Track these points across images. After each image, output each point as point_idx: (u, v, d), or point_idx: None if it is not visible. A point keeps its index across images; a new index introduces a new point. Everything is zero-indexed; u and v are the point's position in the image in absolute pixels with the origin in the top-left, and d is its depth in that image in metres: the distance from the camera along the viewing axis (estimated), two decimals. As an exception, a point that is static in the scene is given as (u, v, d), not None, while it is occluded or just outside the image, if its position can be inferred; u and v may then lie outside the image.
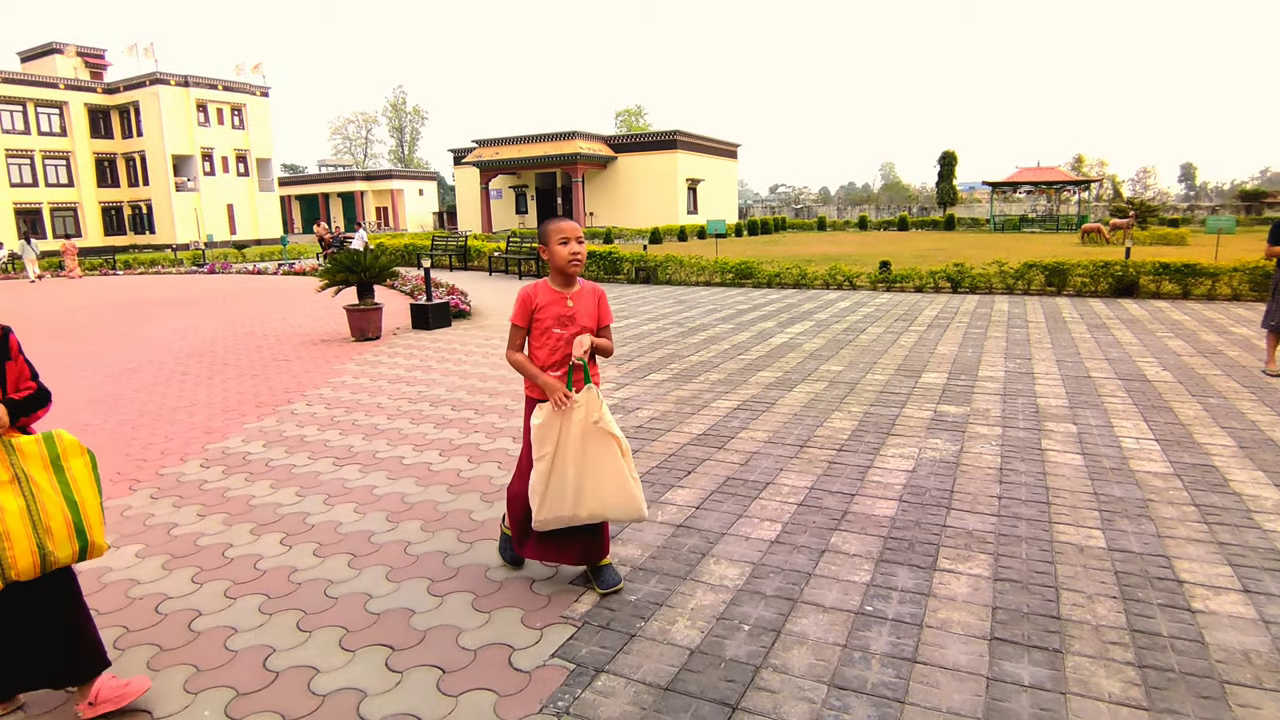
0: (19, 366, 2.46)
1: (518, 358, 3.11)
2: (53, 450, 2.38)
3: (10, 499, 2.26)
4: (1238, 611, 2.98)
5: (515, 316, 3.11)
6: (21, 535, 2.24)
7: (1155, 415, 5.69)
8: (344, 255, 10.39)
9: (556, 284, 3.11)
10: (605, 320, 3.20)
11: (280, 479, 4.72)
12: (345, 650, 2.83)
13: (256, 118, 52.18)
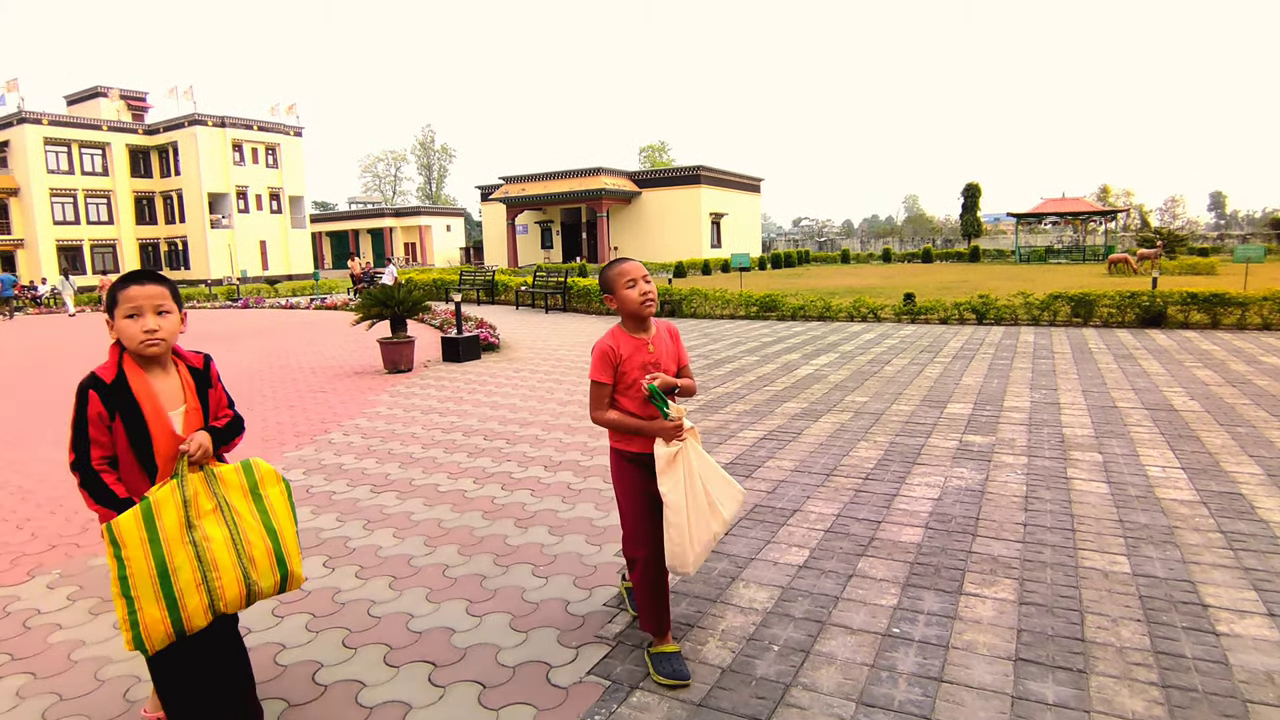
0: (219, 394, 2.45)
1: (609, 417, 2.83)
2: (251, 478, 2.34)
3: (216, 528, 2.21)
4: (1262, 635, 3.01)
5: (596, 372, 2.81)
6: (228, 564, 2.19)
7: (1182, 444, 5.71)
8: (378, 290, 10.67)
9: (632, 329, 2.86)
10: (684, 360, 2.98)
11: (321, 505, 4.89)
12: (390, 666, 2.95)
13: (290, 156, 53.57)
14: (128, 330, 2.24)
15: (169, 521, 2.14)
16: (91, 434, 2.20)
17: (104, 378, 2.23)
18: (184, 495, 2.18)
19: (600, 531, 4.29)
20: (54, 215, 45.85)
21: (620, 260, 2.86)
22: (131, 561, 2.09)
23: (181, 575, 2.12)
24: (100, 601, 3.59)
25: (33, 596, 3.68)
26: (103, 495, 2.21)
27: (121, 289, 2.25)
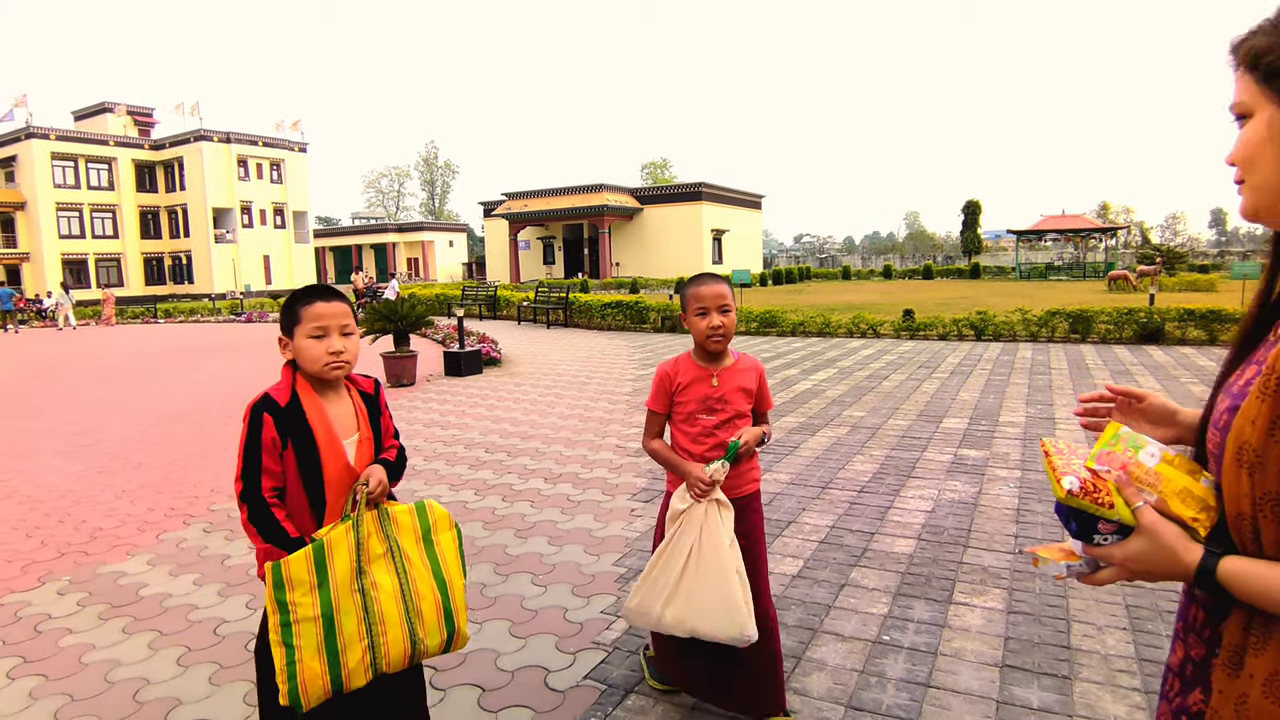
0: (387, 421, 2.24)
1: (655, 446, 2.59)
2: (424, 522, 2.09)
3: (385, 575, 1.96)
4: (1245, 643, 3.08)
5: (652, 400, 2.60)
6: (395, 619, 1.94)
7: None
8: (381, 305, 10.79)
9: (700, 358, 2.55)
10: (765, 405, 2.63)
11: (324, 515, 4.96)
12: (392, 670, 3.02)
13: (294, 172, 53.96)
14: (311, 351, 2.04)
15: (340, 566, 1.90)
16: (264, 461, 1.96)
17: (278, 400, 2.01)
18: (358, 537, 1.94)
19: (599, 542, 4.36)
20: (60, 229, 46.17)
21: (701, 279, 2.49)
22: (298, 608, 1.85)
23: (346, 627, 1.88)
24: (109, 607, 3.67)
25: (43, 602, 3.76)
26: (273, 531, 1.94)
27: (306, 305, 2.06)
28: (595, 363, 12.26)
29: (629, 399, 8.86)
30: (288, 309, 2.09)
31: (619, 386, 9.77)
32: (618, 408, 8.34)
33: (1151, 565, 1.01)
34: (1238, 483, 0.96)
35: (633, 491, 5.29)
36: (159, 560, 4.26)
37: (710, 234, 48.68)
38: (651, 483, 5.47)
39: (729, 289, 2.48)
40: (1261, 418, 0.92)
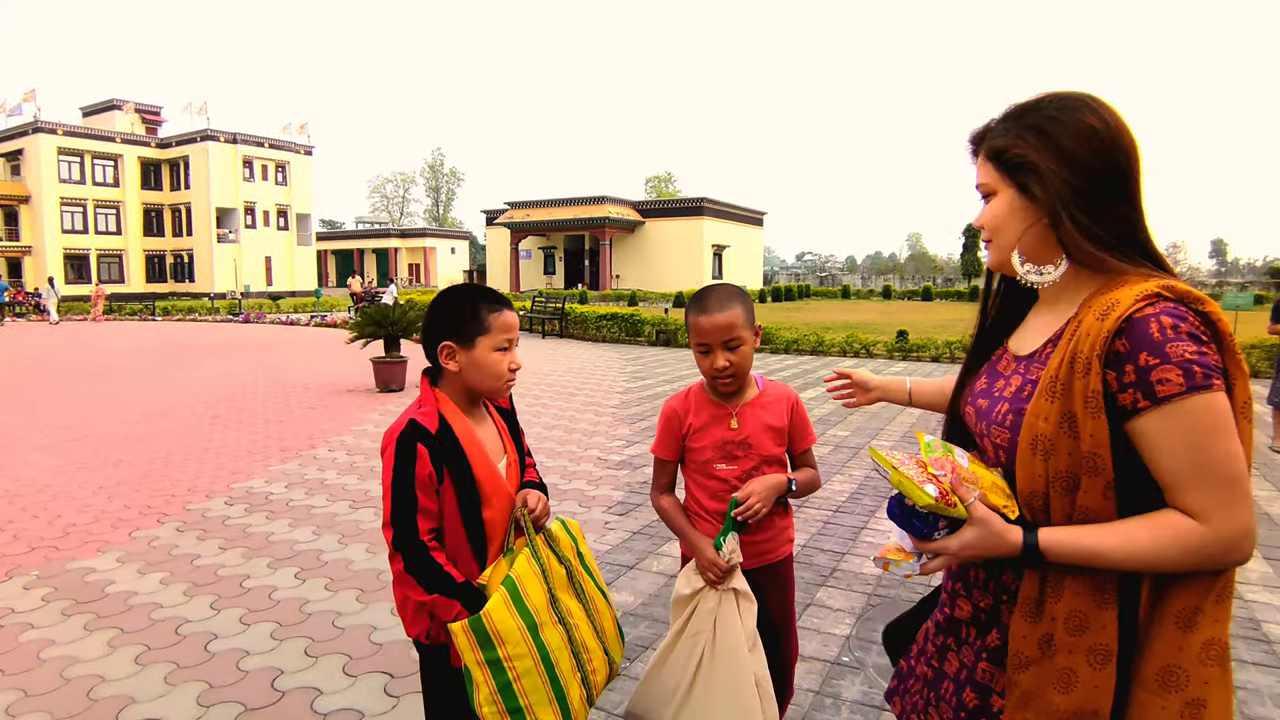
0: (524, 440, 2.04)
1: (664, 505, 2.12)
2: (570, 533, 1.91)
3: (571, 599, 1.80)
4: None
5: (657, 444, 2.13)
6: (595, 643, 1.79)
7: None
8: (374, 309, 10.81)
9: (715, 393, 2.08)
10: (802, 443, 2.11)
11: (299, 518, 4.96)
12: (348, 675, 3.02)
13: (299, 175, 54.17)
14: (496, 365, 1.78)
15: (536, 599, 1.70)
16: (420, 500, 1.68)
17: (427, 427, 1.72)
18: (540, 564, 1.76)
19: (569, 553, 4.35)
20: (63, 224, 46.30)
21: (704, 300, 1.97)
22: (516, 662, 1.62)
23: (562, 665, 1.69)
24: (74, 603, 3.66)
25: (8, 597, 3.75)
26: (439, 579, 1.67)
27: (497, 312, 1.79)
28: (586, 374, 12.27)
29: (615, 411, 8.86)
30: (469, 313, 1.77)
31: (607, 399, 9.78)
32: (603, 420, 8.35)
33: (984, 549, 1.17)
34: (1033, 467, 1.17)
35: (608, 504, 5.28)
36: (129, 558, 4.26)
37: (711, 249, 48.79)
38: (629, 495, 5.47)
39: (739, 313, 1.94)
40: (1053, 415, 1.15)
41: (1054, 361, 1.18)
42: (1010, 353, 1.36)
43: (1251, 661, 3.20)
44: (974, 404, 1.35)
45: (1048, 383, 1.17)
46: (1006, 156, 1.25)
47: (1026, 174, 1.23)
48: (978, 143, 1.32)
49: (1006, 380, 1.31)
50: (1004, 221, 1.27)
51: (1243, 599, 3.81)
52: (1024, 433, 1.18)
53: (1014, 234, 1.26)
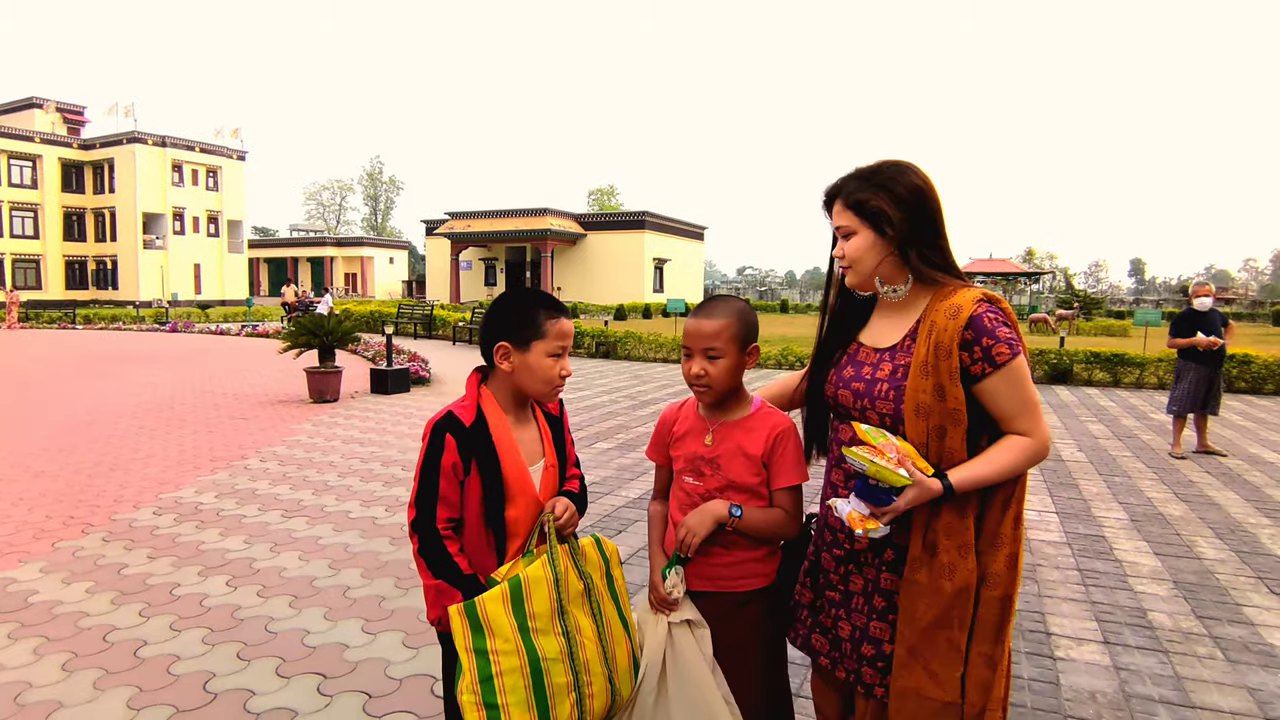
0: (571, 449, 2.02)
1: (649, 512, 2.10)
2: (603, 554, 1.89)
3: (584, 617, 1.77)
4: (1094, 659, 3.33)
5: (650, 448, 2.11)
6: (599, 668, 1.75)
7: (1061, 491, 6.14)
8: (308, 319, 10.68)
9: (705, 407, 2.00)
10: (779, 479, 1.91)
11: (230, 527, 4.93)
12: (281, 677, 3.05)
13: (231, 180, 52.76)
14: (548, 370, 1.82)
15: (540, 605, 1.70)
16: (442, 488, 1.75)
17: (462, 419, 1.79)
18: (556, 572, 1.74)
19: (504, 558, 4.44)
20: (-25, 228, 44.17)
21: (699, 309, 1.94)
22: (501, 657, 1.64)
23: (554, 675, 1.68)
24: (95, 584, 3.60)
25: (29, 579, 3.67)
26: (445, 567, 1.74)
27: (555, 319, 1.82)
28: (525, 385, 12.30)
29: (554, 421, 8.94)
30: (527, 317, 1.81)
31: (546, 409, 9.84)
32: (541, 429, 8.41)
33: (920, 500, 1.61)
34: (917, 425, 1.66)
35: (544, 510, 5.37)
36: (53, 568, 4.19)
37: (652, 262, 49.15)
38: (564, 502, 5.56)
39: (727, 325, 1.87)
40: (928, 387, 1.64)
41: (921, 349, 1.66)
42: (868, 346, 1.80)
43: (1136, 646, 3.47)
44: (848, 387, 1.79)
45: (920, 365, 1.65)
46: (866, 206, 1.70)
47: (880, 219, 1.70)
48: (834, 195, 1.77)
49: (875, 366, 1.75)
50: (864, 254, 1.73)
51: (1132, 590, 4.11)
52: (907, 402, 1.66)
53: (872, 263, 1.73)
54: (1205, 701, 3.01)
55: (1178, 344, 7.69)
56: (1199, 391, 7.55)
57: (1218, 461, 7.37)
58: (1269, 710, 2.95)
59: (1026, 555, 4.64)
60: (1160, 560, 4.61)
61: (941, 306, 1.66)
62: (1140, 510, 5.65)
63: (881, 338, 1.79)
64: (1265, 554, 4.76)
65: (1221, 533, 5.16)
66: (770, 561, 1.94)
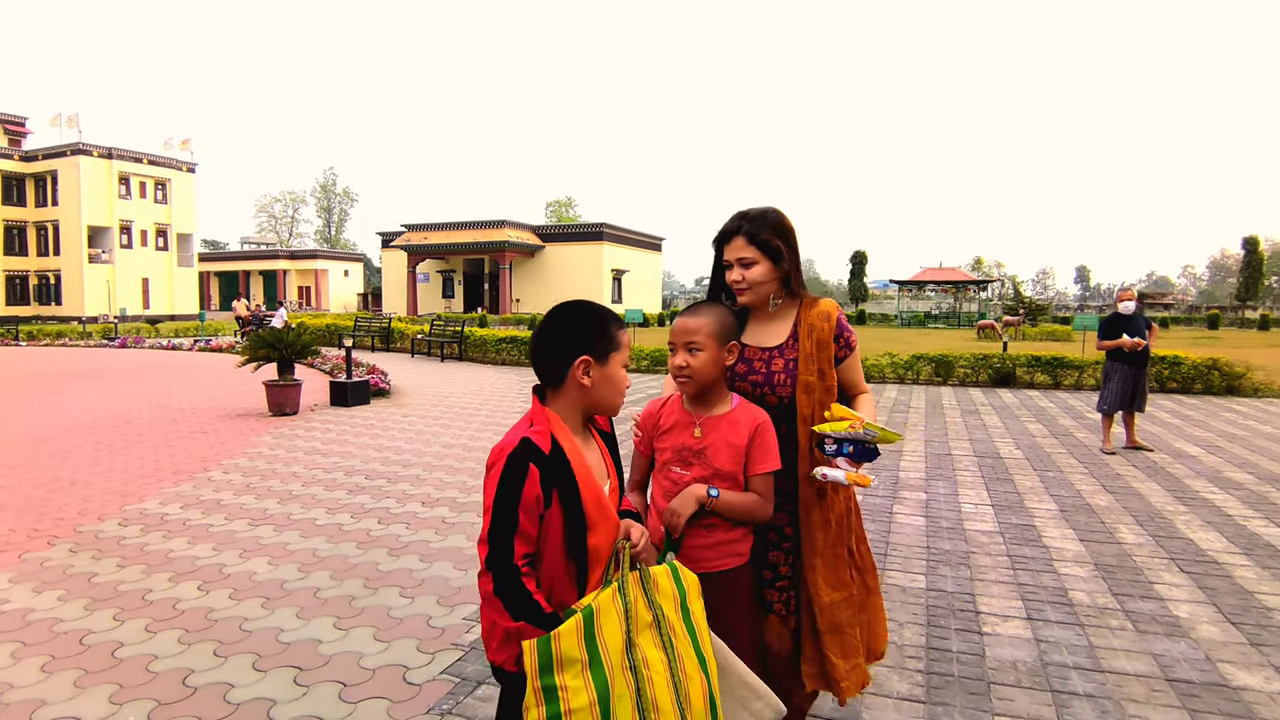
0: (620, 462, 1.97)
1: (628, 500, 2.10)
2: (680, 585, 1.75)
3: (654, 650, 1.62)
4: (1018, 633, 3.63)
5: (636, 439, 2.28)
6: (668, 707, 1.57)
7: (997, 485, 6.50)
8: (266, 332, 10.70)
9: (690, 402, 2.18)
10: (761, 465, 2.10)
11: (197, 536, 5.03)
12: (258, 671, 3.21)
13: (181, 192, 51.85)
14: (623, 383, 1.83)
15: (610, 637, 1.59)
16: (521, 523, 1.64)
17: (540, 446, 1.69)
18: (625, 601, 1.63)
19: (469, 559, 4.62)
20: (-90, 243, 42.76)
21: (687, 310, 2.17)
22: (569, 694, 1.53)
23: (620, 716, 1.53)
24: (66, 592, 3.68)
25: (-106, 619, 3.73)
26: (526, 607, 1.63)
27: (621, 330, 1.83)
28: (485, 395, 12.45)
29: (514, 429, 9.10)
30: (603, 329, 1.80)
31: (506, 418, 10.01)
32: (502, 437, 8.57)
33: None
34: (806, 399, 2.21)
35: (507, 514, 5.55)
36: (21, 578, 4.26)
37: (611, 273, 49.45)
38: (526, 506, 5.75)
39: (707, 323, 2.09)
40: (813, 371, 2.22)
41: (805, 344, 2.25)
42: (753, 346, 2.30)
43: (1056, 621, 3.78)
44: (746, 380, 2.27)
45: (805, 356, 2.24)
46: (768, 244, 2.23)
47: (775, 253, 2.24)
48: (734, 233, 2.25)
49: (766, 362, 2.26)
50: (763, 279, 2.25)
51: (1056, 572, 4.44)
52: (800, 384, 2.22)
53: (769, 286, 2.27)
54: (1114, 666, 3.32)
55: (1105, 346, 8.16)
56: (1126, 390, 8.01)
57: (1145, 456, 7.82)
58: (1169, 672, 3.27)
59: (961, 544, 4.96)
60: (1084, 545, 4.96)
61: (814, 313, 2.27)
62: (1070, 501, 6.02)
63: (765, 339, 2.30)
64: (1179, 538, 5.14)
65: (1142, 520, 5.55)
66: (746, 541, 2.14)
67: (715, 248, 2.34)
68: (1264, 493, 6.36)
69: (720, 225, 2.32)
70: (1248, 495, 6.27)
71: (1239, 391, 13.11)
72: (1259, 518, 5.63)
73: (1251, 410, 11.25)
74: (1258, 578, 4.42)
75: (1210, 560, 4.70)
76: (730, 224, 2.27)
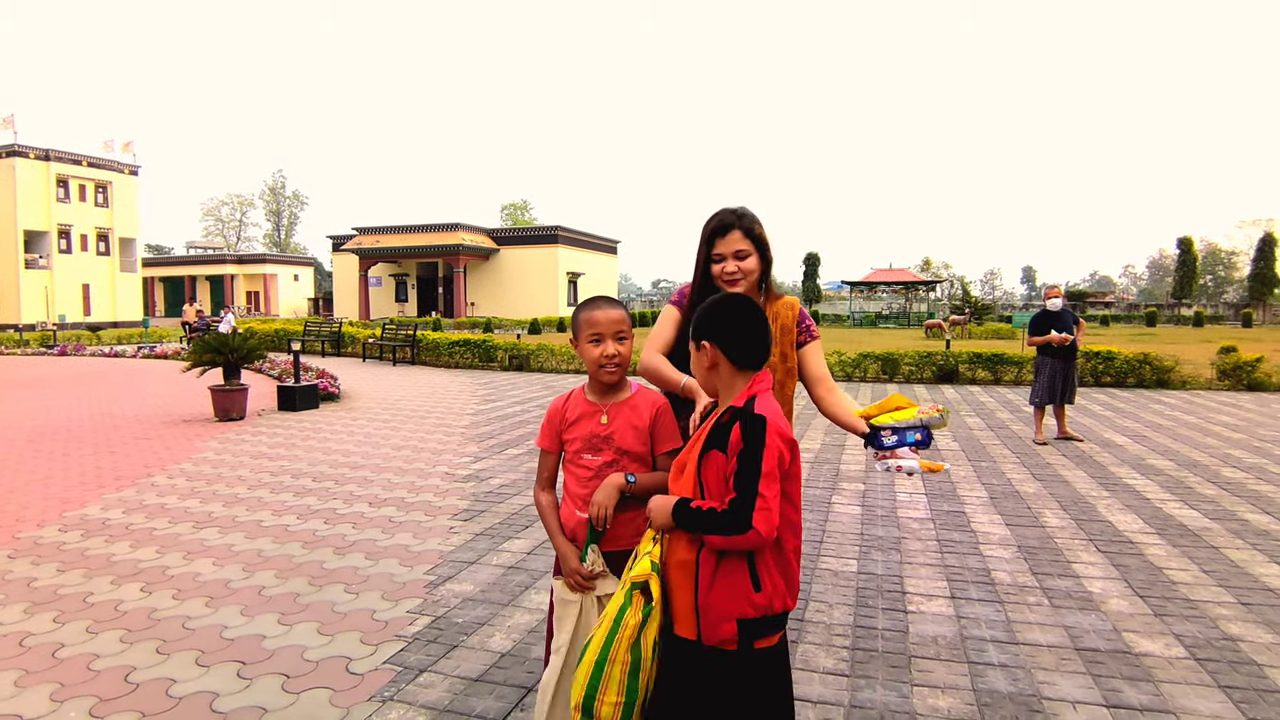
0: None
1: (541, 502, 2.34)
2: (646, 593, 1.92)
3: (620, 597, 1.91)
4: (940, 611, 3.83)
5: (541, 436, 2.38)
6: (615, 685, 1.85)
7: (932, 476, 6.74)
8: (211, 336, 10.57)
9: (593, 392, 2.33)
10: (665, 445, 2.27)
11: (140, 540, 5.00)
12: (201, 666, 3.24)
13: (123, 196, 50.44)
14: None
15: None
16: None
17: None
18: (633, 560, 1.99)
19: (414, 556, 4.68)
20: None
21: (597, 302, 2.28)
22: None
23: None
24: (4, 597, 3.64)
25: None
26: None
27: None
28: (437, 398, 12.43)
29: (465, 431, 9.15)
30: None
31: (457, 420, 10.04)
32: (453, 439, 8.62)
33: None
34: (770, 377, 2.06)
35: (454, 512, 5.63)
36: (-44, 585, 4.21)
37: (566, 276, 49.43)
38: (474, 504, 5.83)
39: (627, 316, 2.29)
40: (777, 354, 2.51)
41: (771, 329, 2.22)
42: None
43: (978, 599, 3.99)
44: None
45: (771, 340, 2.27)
46: (761, 239, 2.49)
47: (764, 247, 2.49)
48: (732, 226, 2.45)
49: None
50: (752, 271, 2.48)
51: (981, 555, 4.66)
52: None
53: (755, 279, 2.50)
54: (1028, 639, 3.52)
55: (1034, 342, 8.50)
56: (1055, 383, 8.35)
57: (1074, 446, 8.16)
58: (1079, 642, 3.49)
59: (894, 530, 5.16)
60: (1010, 529, 5.20)
61: (781, 303, 2.57)
62: (1000, 489, 6.29)
63: None
64: (1100, 520, 5.42)
65: (1066, 505, 5.82)
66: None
67: (707, 242, 2.50)
68: (1182, 477, 6.71)
69: (705, 221, 2.52)
70: (1167, 480, 6.61)
71: (1169, 384, 13.69)
72: (1175, 501, 5.95)
73: (1179, 402, 11.77)
74: (1167, 554, 4.69)
75: (1126, 540, 4.97)
76: (728, 219, 2.47)
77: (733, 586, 1.80)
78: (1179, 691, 3.04)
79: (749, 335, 1.92)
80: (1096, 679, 3.14)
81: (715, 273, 2.48)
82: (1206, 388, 13.53)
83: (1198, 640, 3.51)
